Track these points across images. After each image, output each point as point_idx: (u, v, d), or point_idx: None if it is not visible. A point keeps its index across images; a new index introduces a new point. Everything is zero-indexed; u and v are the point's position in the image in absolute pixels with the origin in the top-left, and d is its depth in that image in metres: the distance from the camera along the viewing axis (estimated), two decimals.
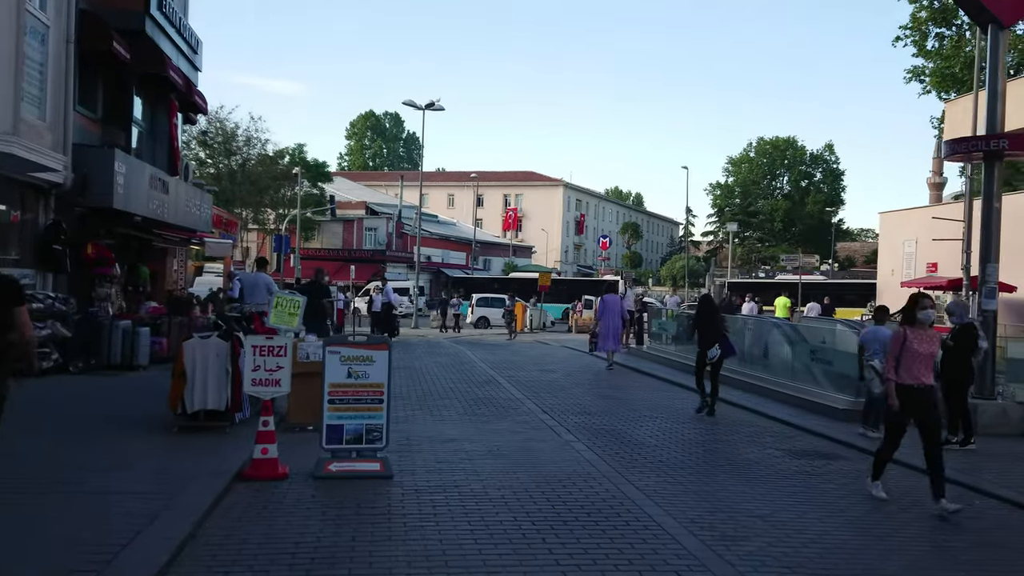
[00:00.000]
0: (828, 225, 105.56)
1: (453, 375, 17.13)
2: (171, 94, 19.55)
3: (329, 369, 8.14)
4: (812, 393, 13.65)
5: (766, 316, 20.62)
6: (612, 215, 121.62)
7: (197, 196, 21.97)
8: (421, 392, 14.34)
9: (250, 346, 8.12)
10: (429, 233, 74.03)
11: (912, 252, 31.78)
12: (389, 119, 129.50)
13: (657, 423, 11.82)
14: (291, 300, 11.09)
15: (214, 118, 52.99)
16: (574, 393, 14.75)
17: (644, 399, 14.43)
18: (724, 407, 13.55)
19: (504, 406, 12.95)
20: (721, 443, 10.50)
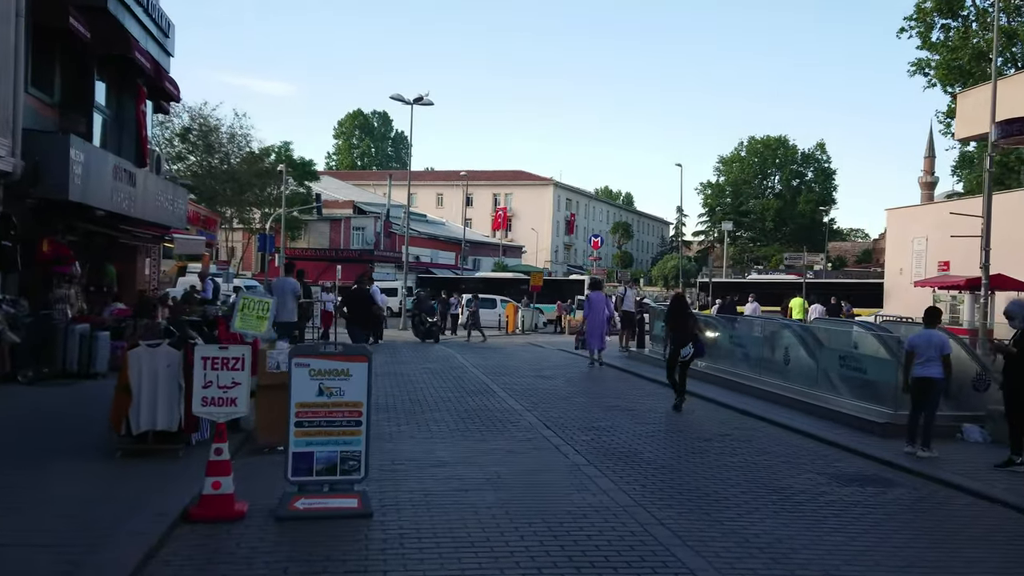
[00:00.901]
0: (820, 225, 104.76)
1: (443, 382, 15.75)
2: (138, 79, 18.08)
3: (296, 385, 6.75)
4: (841, 404, 12.33)
5: (780, 319, 19.35)
6: (602, 215, 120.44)
7: (170, 190, 20.50)
8: (408, 402, 12.96)
9: (199, 358, 6.72)
10: (418, 233, 72.63)
11: (922, 250, 30.56)
12: (377, 118, 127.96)
13: (677, 440, 10.46)
14: (259, 302, 9.71)
15: (197, 114, 51.52)
16: (577, 403, 13.39)
17: (656, 410, 13.07)
18: (749, 420, 12.25)
19: (501, 419, 11.58)
20: (754, 466, 9.15)
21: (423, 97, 43.19)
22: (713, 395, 14.48)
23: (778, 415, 12.53)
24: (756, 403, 13.68)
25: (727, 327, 17.72)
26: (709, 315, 22.32)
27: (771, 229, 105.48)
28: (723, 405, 13.61)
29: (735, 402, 13.73)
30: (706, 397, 14.34)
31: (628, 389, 15.75)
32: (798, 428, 11.54)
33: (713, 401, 14.00)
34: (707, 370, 16.95)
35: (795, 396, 13.45)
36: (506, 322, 38.27)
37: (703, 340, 13.79)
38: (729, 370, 16.27)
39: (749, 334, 16.23)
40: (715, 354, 17.41)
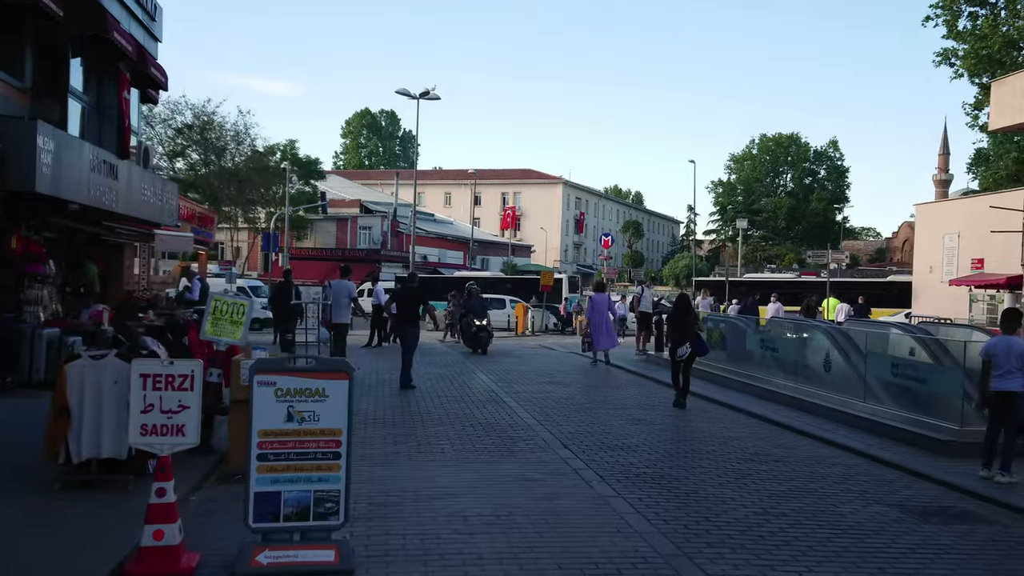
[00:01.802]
0: (832, 223, 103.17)
1: (448, 390, 14.44)
2: (120, 63, 16.80)
3: (259, 409, 5.43)
4: (893, 417, 10.97)
5: (819, 321, 17.91)
6: (612, 214, 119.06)
7: (158, 184, 19.19)
8: (408, 415, 11.65)
9: (137, 376, 5.42)
10: (425, 232, 71.50)
11: (954, 247, 29.06)
12: (385, 117, 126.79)
13: (714, 461, 9.10)
14: (233, 304, 8.43)
15: (201, 111, 50.30)
16: (597, 416, 12.04)
17: (685, 424, 11.72)
18: (790, 435, 10.91)
19: (512, 436, 10.25)
20: (809, 494, 7.79)
21: (430, 91, 42.00)
22: (745, 405, 13.13)
23: (821, 429, 11.17)
24: (794, 414, 12.32)
25: (756, 330, 16.35)
26: (726, 316, 20.99)
27: (783, 228, 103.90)
28: (758, 417, 12.26)
29: (771, 413, 12.37)
30: (738, 407, 13.00)
31: (650, 398, 14.40)
32: (847, 445, 10.17)
33: (746, 412, 12.65)
34: (735, 376, 15.62)
35: (837, 407, 12.09)
36: (515, 323, 36.98)
37: (704, 340, 14.07)
38: (760, 376, 14.92)
39: (781, 337, 14.84)
40: (743, 359, 16.07)
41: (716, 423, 11.80)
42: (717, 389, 15.12)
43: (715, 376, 16.28)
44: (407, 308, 14.95)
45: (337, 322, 16.88)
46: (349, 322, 16.52)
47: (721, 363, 16.87)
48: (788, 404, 13.14)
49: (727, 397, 14.05)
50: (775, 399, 13.59)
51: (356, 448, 9.13)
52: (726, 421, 12.03)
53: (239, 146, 51.74)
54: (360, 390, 14.12)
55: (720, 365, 16.79)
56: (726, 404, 13.42)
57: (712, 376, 16.37)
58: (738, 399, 13.86)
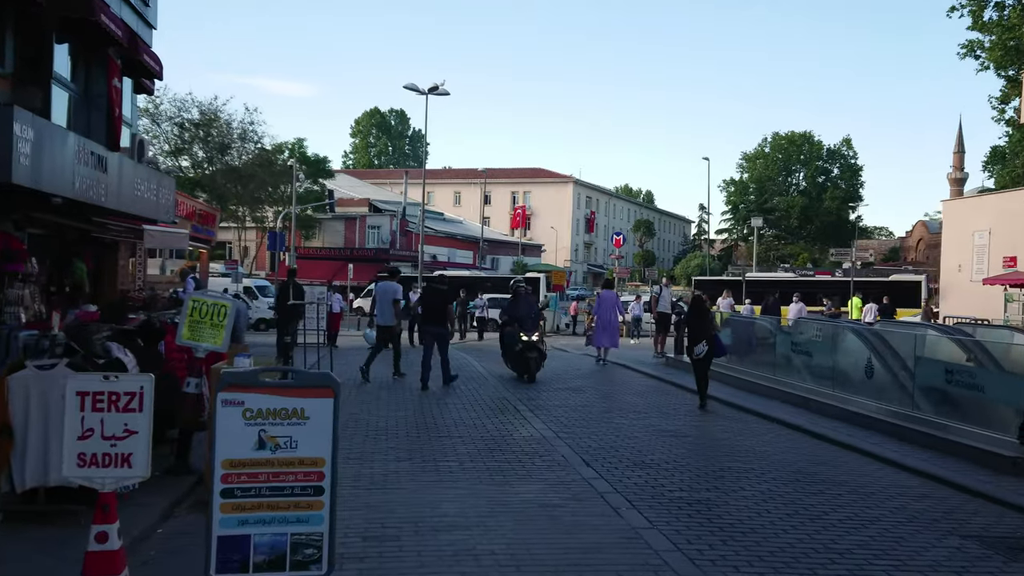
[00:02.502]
0: (846, 222, 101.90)
1: (457, 398, 13.46)
2: (109, 50, 15.88)
3: (224, 434, 4.43)
4: (949, 430, 9.92)
5: (855, 323, 16.85)
6: (623, 213, 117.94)
7: (153, 178, 18.23)
8: (413, 426, 10.66)
9: (73, 394, 4.44)
10: (434, 231, 70.61)
11: (984, 244, 27.90)
12: (394, 116, 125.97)
13: (757, 483, 8.06)
14: (214, 305, 7.46)
15: (208, 109, 49.40)
16: (619, 427, 11.02)
17: (717, 436, 10.69)
18: (834, 449, 9.87)
19: (528, 451, 9.26)
20: (872, 524, 6.76)
21: (439, 86, 41.02)
22: (779, 414, 12.09)
23: (868, 442, 10.13)
24: (833, 425, 11.27)
25: (786, 332, 15.31)
26: (753, 317, 19.92)
27: (796, 227, 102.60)
28: (795, 428, 11.22)
29: (809, 423, 11.32)
30: (771, 416, 11.96)
31: (672, 405, 13.38)
32: (900, 461, 9.13)
33: (781, 422, 11.61)
34: (763, 381, 14.59)
35: (881, 417, 11.06)
36: None
37: (722, 340, 13.88)
38: (791, 382, 13.88)
39: (815, 340, 13.79)
40: (771, 363, 15.03)
41: (750, 435, 10.78)
42: (745, 395, 14.10)
43: (741, 381, 15.27)
44: (435, 308, 14.83)
45: (382, 324, 16.31)
46: (396, 324, 16.12)
47: (747, 366, 15.84)
48: (824, 413, 12.11)
49: (757, 404, 13.02)
50: (809, 407, 12.55)
51: (352, 465, 8.19)
52: (760, 432, 11.01)
53: (244, 144, 50.83)
54: (362, 397, 13.16)
55: (746, 369, 15.77)
56: (757, 412, 12.39)
57: (738, 381, 15.36)
58: (770, 407, 12.83)
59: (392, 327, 16.21)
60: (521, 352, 15.82)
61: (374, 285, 24.06)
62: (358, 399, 12.95)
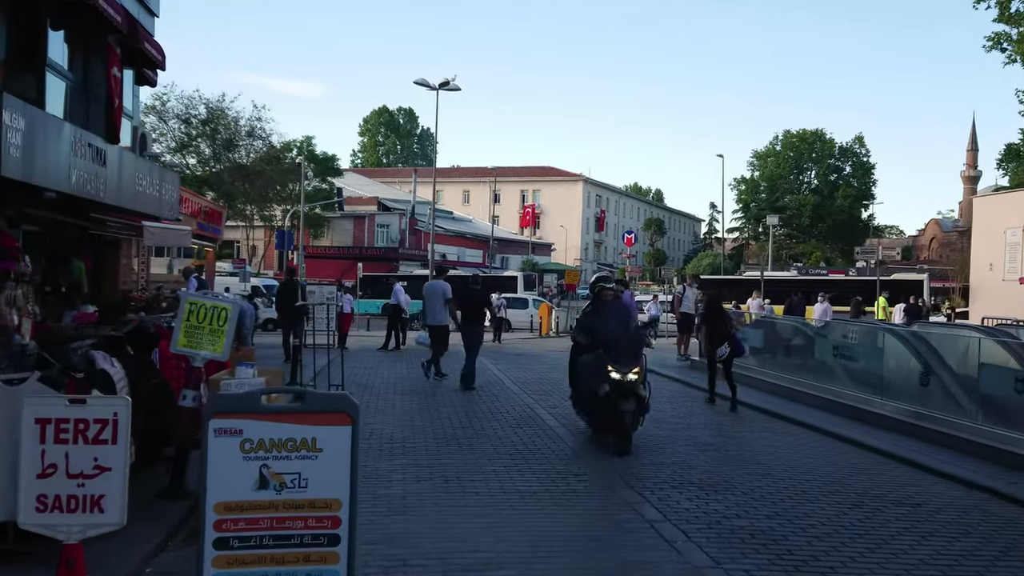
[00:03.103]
0: (858, 221, 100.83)
1: (477, 406, 12.62)
2: (108, 37, 15.07)
3: (217, 471, 3.59)
4: (1014, 442, 9.03)
5: (903, 327, 15.96)
6: (633, 211, 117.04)
7: (156, 174, 17.40)
8: (432, 438, 9.82)
9: (31, 421, 3.61)
10: (444, 230, 69.83)
11: (1017, 242, 26.93)
12: (403, 115, 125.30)
13: (823, 509, 7.13)
14: (214, 308, 6.64)
15: (216, 106, 48.63)
16: (655, 440, 10.13)
17: (766, 452, 9.80)
18: (897, 467, 8.96)
19: (560, 469, 8.39)
20: (965, 560, 5.87)
21: (449, 81, 40.17)
22: (827, 424, 11.18)
23: (935, 459, 9.20)
24: (889, 437, 10.35)
25: (825, 334, 14.41)
26: (790, 319, 19.05)
27: (807, 225, 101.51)
28: (847, 440, 10.32)
29: (863, 436, 10.38)
30: (817, 427, 11.06)
31: (707, 413, 12.52)
32: (979, 483, 8.20)
33: (832, 434, 10.66)
34: (801, 387, 13.71)
35: (944, 430, 10.15)
36: (539, 324, 35.24)
37: (742, 340, 13.72)
38: (834, 389, 12.96)
39: (860, 344, 12.88)
40: (809, 368, 14.14)
41: (797, 448, 9.90)
42: (782, 402, 13.21)
43: (775, 386, 14.37)
44: (470, 309, 14.78)
45: (433, 324, 15.91)
46: (448, 323, 15.80)
47: (780, 370, 14.95)
48: (874, 423, 11.21)
49: (798, 412, 12.13)
50: (857, 417, 11.64)
51: (368, 484, 7.34)
52: (808, 445, 10.13)
53: (252, 141, 50.07)
54: (377, 404, 12.34)
55: (779, 373, 14.88)
56: (800, 422, 11.49)
57: (772, 386, 14.46)
58: (811, 415, 11.93)
59: (445, 326, 15.86)
60: (609, 400, 9.37)
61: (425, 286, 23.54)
62: (373, 407, 12.13)
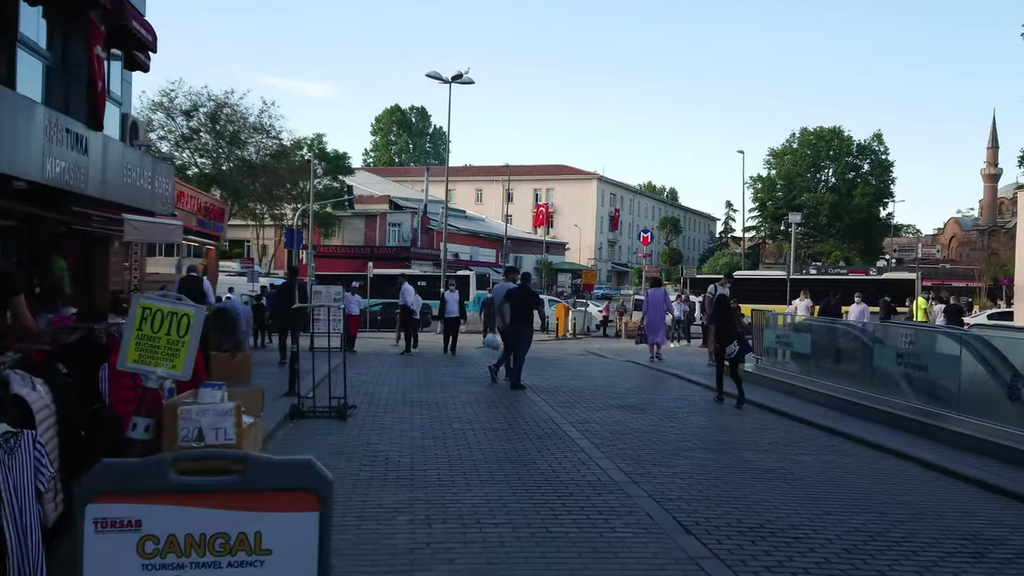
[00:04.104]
0: (876, 219, 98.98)
1: (493, 418, 11.24)
2: (91, 13, 13.76)
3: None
4: None
5: (980, 333, 14.49)
6: (648, 210, 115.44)
7: (148, 165, 16.09)
8: (444, 462, 8.43)
9: None
10: (456, 229, 68.49)
11: None
12: (415, 113, 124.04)
13: (937, 561, 5.73)
14: (173, 314, 5.26)
15: (223, 102, 47.37)
16: (706, 464, 8.71)
17: (837, 478, 8.35)
18: (997, 501, 7.50)
19: (597, 505, 6.98)
20: None
21: (463, 74, 38.81)
22: (899, 445, 9.69)
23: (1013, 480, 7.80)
24: (982, 463, 8.84)
25: (885, 340, 12.89)
26: (844, 322, 17.54)
27: (825, 224, 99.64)
28: (929, 466, 8.84)
29: (948, 462, 8.87)
30: (893, 450, 9.57)
31: (757, 430, 11.08)
32: None
33: (910, 458, 9.17)
34: (855, 399, 12.24)
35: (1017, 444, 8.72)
36: (555, 325, 33.82)
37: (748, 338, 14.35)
38: (897, 402, 11.45)
39: (929, 352, 11.36)
40: (864, 376, 12.67)
41: (876, 476, 8.41)
42: (840, 417, 11.71)
43: (827, 397, 12.89)
44: (520, 309, 14.68)
45: (507, 331, 15.24)
46: (509, 323, 15.16)
47: (832, 380, 13.47)
48: (950, 442, 9.75)
49: (863, 430, 10.64)
50: (928, 434, 10.17)
51: (367, 527, 5.98)
52: (888, 471, 8.65)
53: (258, 135, 48.79)
54: (383, 419, 10.96)
55: (830, 383, 13.39)
56: (869, 442, 9.99)
57: (823, 397, 12.99)
58: (879, 433, 10.44)
59: (514, 327, 15.22)
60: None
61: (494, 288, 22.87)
62: (379, 422, 10.78)
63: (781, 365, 15.93)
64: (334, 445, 9.19)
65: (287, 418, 10.74)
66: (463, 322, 23.89)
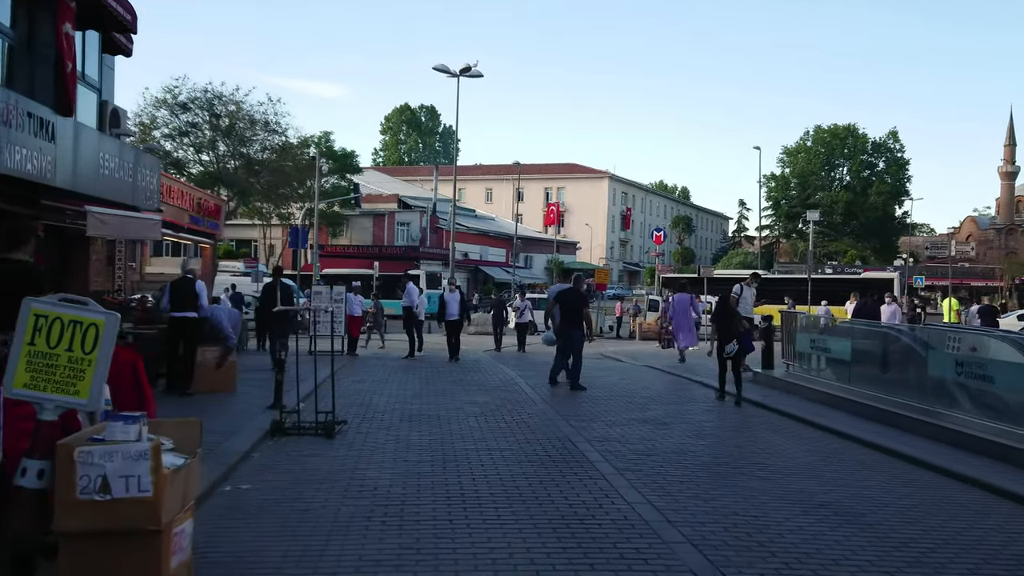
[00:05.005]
0: (892, 218, 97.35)
1: (502, 436, 9.95)
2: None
3: None
4: None
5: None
6: (659, 209, 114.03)
7: (129, 155, 14.81)
8: (443, 496, 7.13)
9: None
10: (466, 228, 67.30)
11: None
12: (425, 112, 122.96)
13: None
14: (76, 323, 3.97)
15: (229, 99, 46.17)
16: (749, 494, 7.39)
17: (907, 512, 7.03)
18: None
19: (629, 550, 5.66)
20: None
21: (471, 67, 37.59)
22: (972, 471, 8.29)
23: None
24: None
25: (944, 346, 11.45)
26: (894, 326, 16.19)
27: (839, 223, 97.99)
28: (1019, 500, 7.53)
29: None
30: (968, 477, 8.17)
31: (801, 449, 9.76)
32: None
33: (992, 489, 7.78)
34: (910, 412, 10.87)
35: None
36: None
37: (751, 337, 14.43)
38: (961, 418, 10.01)
39: (1000, 361, 9.92)
40: (921, 388, 11.28)
41: (966, 515, 7.07)
42: (893, 433, 10.31)
43: (871, 409, 11.51)
44: (573, 310, 14.43)
45: None
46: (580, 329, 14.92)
47: (876, 389, 12.11)
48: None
49: (927, 452, 9.24)
50: (1001, 456, 8.73)
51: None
52: (979, 510, 7.29)
53: (263, 132, 47.57)
54: (376, 437, 9.66)
55: (875, 393, 12.01)
56: (938, 467, 8.61)
57: (866, 409, 11.60)
58: (942, 455, 9.05)
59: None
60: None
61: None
62: (371, 442, 9.50)
63: (816, 372, 14.59)
64: (315, 471, 7.92)
65: (267, 435, 9.49)
66: (467, 323, 22.72)
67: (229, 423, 9.94)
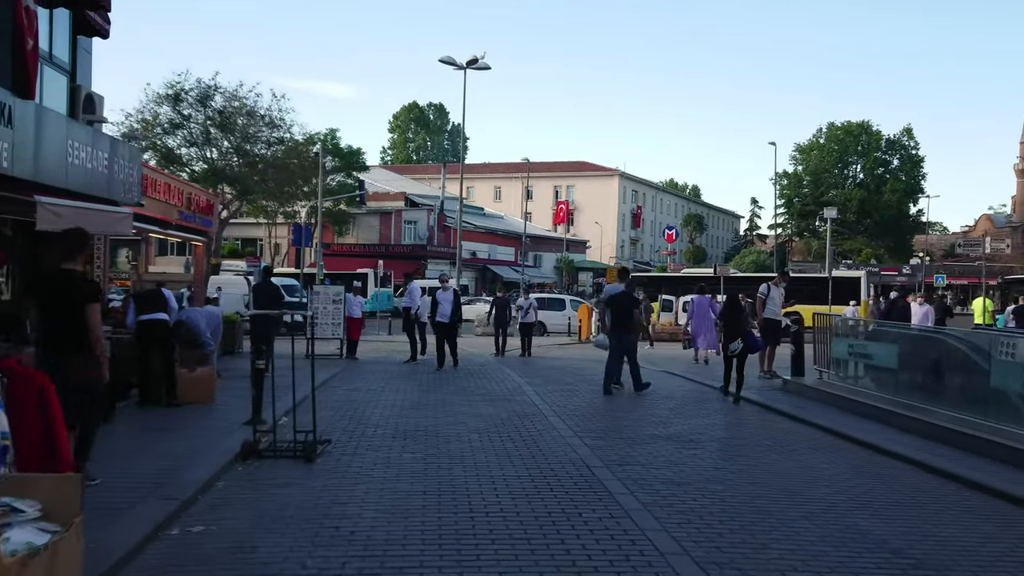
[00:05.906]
0: (906, 216, 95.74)
1: (507, 458, 8.69)
2: None
3: None
4: None
5: None
6: (670, 207, 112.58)
7: (104, 144, 13.64)
8: (434, 537, 5.88)
9: None
10: (474, 226, 66.03)
11: None
12: (433, 110, 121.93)
13: None
14: None
15: (233, 96, 45.02)
16: (798, 535, 6.10)
17: (985, 559, 5.78)
18: None
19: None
20: None
21: (478, 59, 36.34)
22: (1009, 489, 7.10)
23: None
24: None
25: (1009, 354, 10.12)
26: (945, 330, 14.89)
27: (853, 221, 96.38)
28: None
29: None
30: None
31: (843, 469, 8.47)
32: None
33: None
34: (970, 429, 9.56)
35: None
36: (578, 327, 31.30)
37: (756, 337, 14.25)
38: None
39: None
40: (981, 401, 9.97)
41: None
42: (951, 453, 9.03)
43: (921, 424, 10.21)
44: (625, 313, 14.24)
45: None
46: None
47: (927, 402, 10.79)
48: None
49: (999, 479, 8.02)
50: None
51: None
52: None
53: (267, 129, 46.45)
54: (364, 458, 8.39)
55: (926, 407, 10.70)
56: (1012, 496, 7.40)
57: (917, 424, 10.30)
58: (1018, 480, 7.84)
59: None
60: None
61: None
62: (356, 465, 8.25)
63: (853, 381, 13.27)
64: (284, 506, 6.66)
65: (237, 459, 8.24)
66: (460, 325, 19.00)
67: (195, 444, 8.71)
